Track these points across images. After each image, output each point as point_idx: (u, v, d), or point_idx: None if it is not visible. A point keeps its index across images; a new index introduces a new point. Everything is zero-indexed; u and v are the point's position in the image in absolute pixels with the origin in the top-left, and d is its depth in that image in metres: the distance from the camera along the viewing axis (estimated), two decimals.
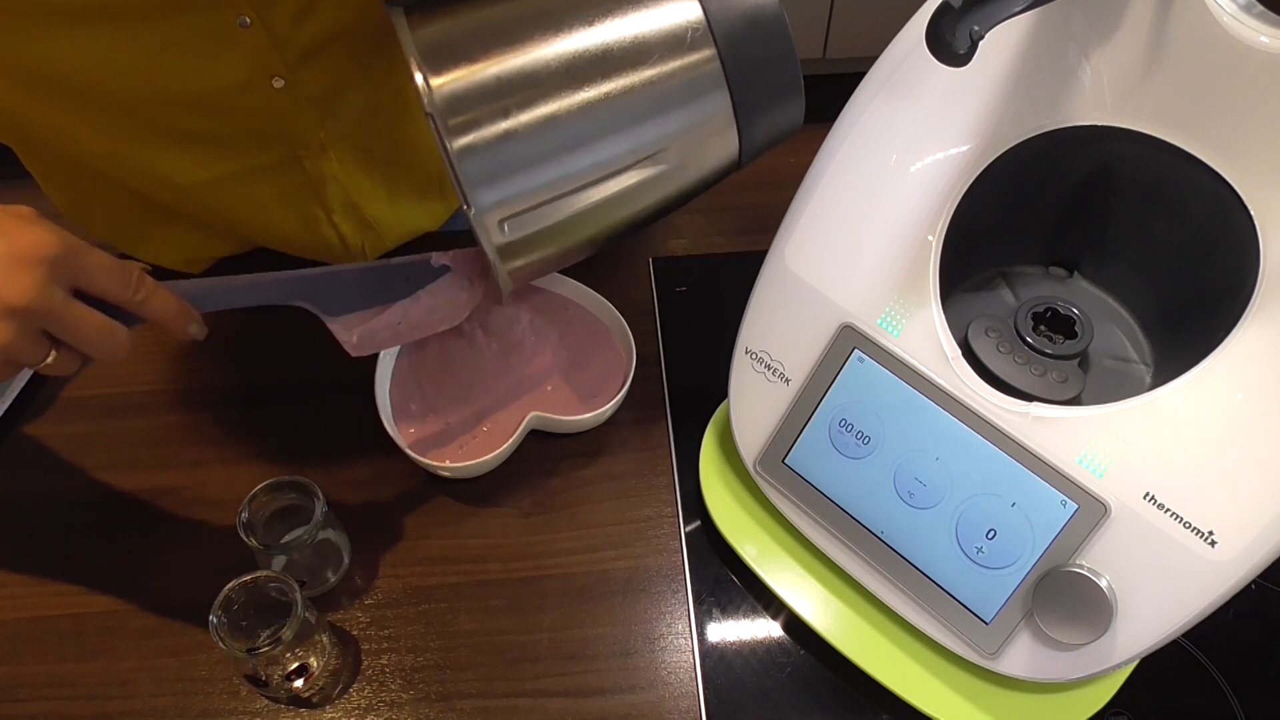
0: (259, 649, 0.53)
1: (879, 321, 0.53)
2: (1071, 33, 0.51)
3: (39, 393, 0.74)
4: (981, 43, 0.42)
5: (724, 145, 0.53)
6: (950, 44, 0.42)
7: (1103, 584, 0.48)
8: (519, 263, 0.53)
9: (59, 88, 0.59)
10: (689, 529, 0.66)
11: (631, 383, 0.68)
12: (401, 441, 0.65)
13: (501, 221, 0.50)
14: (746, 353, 0.59)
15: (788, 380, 0.57)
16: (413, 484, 0.68)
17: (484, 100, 0.48)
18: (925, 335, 0.52)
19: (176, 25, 0.57)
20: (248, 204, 0.73)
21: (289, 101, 0.65)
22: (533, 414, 0.66)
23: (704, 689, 0.59)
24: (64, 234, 0.46)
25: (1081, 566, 0.48)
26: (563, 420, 0.67)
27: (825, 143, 0.56)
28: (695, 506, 0.66)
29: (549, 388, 0.70)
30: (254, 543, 0.58)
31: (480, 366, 0.71)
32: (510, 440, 0.65)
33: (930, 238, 0.53)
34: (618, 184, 0.51)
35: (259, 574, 0.55)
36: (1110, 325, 0.59)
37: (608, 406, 0.68)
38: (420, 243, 0.84)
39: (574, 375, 0.71)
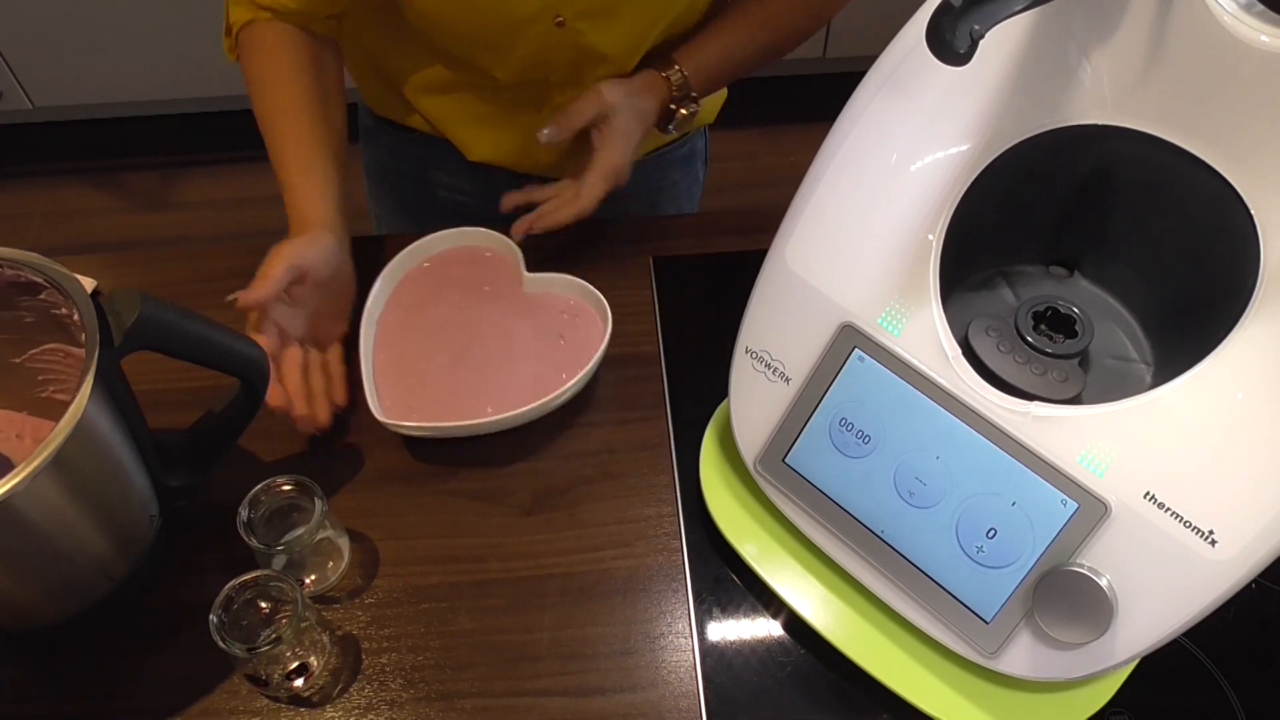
0: (259, 648, 0.53)
1: (879, 320, 0.53)
2: (1071, 32, 0.51)
3: None
4: (981, 42, 0.42)
5: None
6: (950, 43, 0.42)
7: (1103, 583, 0.48)
8: None
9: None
10: (689, 528, 0.66)
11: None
12: (378, 410, 0.65)
13: None
14: (747, 352, 0.59)
15: (788, 379, 0.57)
16: (413, 483, 0.68)
17: None
18: (925, 334, 0.52)
19: None
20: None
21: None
22: (524, 410, 0.66)
23: (704, 688, 0.59)
24: None
25: (1082, 566, 0.48)
26: (543, 403, 0.66)
27: (825, 142, 0.56)
28: (695, 506, 0.66)
29: (537, 379, 0.70)
30: (254, 542, 0.58)
31: (478, 363, 0.71)
32: (488, 417, 0.65)
33: (930, 237, 0.53)
34: None
35: (259, 574, 0.55)
36: (1110, 324, 0.59)
37: (581, 375, 0.67)
38: None
39: (565, 367, 0.70)
